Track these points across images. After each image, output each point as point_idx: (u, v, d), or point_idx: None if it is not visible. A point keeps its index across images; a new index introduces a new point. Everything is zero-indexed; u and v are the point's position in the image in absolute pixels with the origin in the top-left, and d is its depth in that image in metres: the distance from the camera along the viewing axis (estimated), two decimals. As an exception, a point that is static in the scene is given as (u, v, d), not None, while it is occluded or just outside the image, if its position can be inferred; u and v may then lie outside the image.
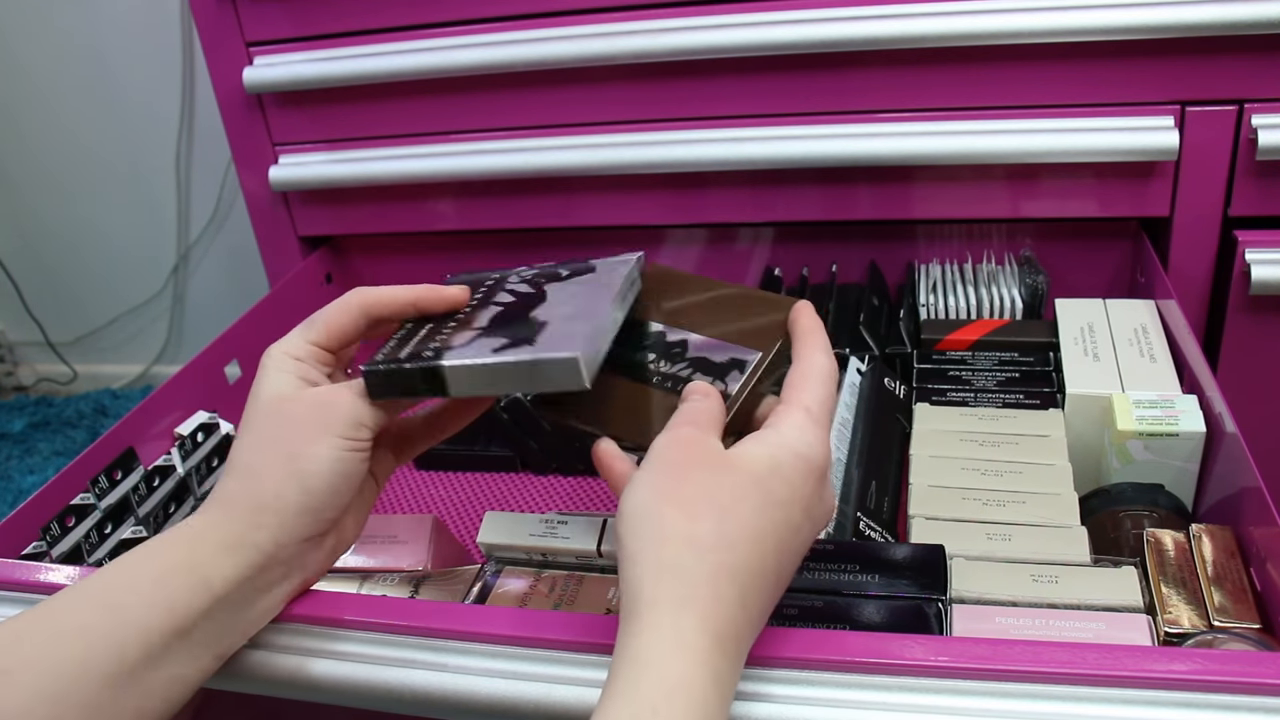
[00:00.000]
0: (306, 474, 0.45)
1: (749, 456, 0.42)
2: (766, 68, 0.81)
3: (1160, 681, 0.39)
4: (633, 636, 0.37)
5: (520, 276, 0.55)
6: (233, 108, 0.94)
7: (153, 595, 0.42)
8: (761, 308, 0.52)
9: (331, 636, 0.47)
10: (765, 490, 0.41)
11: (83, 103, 1.51)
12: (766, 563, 0.40)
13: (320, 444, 0.46)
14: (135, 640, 0.41)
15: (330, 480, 0.46)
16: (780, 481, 0.41)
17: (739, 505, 0.40)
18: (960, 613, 0.50)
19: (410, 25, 0.86)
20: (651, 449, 0.43)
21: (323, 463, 0.45)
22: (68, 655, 0.40)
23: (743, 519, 0.40)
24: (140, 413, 0.72)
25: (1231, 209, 0.78)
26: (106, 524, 0.63)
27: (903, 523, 0.61)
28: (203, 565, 0.43)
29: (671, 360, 0.51)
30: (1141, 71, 0.75)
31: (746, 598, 0.39)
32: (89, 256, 1.66)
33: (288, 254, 1.00)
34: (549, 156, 0.86)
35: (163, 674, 0.42)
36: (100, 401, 1.70)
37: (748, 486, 0.40)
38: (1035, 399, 0.68)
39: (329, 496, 0.46)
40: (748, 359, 0.49)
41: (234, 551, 0.44)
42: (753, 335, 0.51)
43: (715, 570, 0.38)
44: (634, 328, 0.53)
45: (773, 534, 0.40)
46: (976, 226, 0.89)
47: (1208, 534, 0.54)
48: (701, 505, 0.40)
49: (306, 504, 0.45)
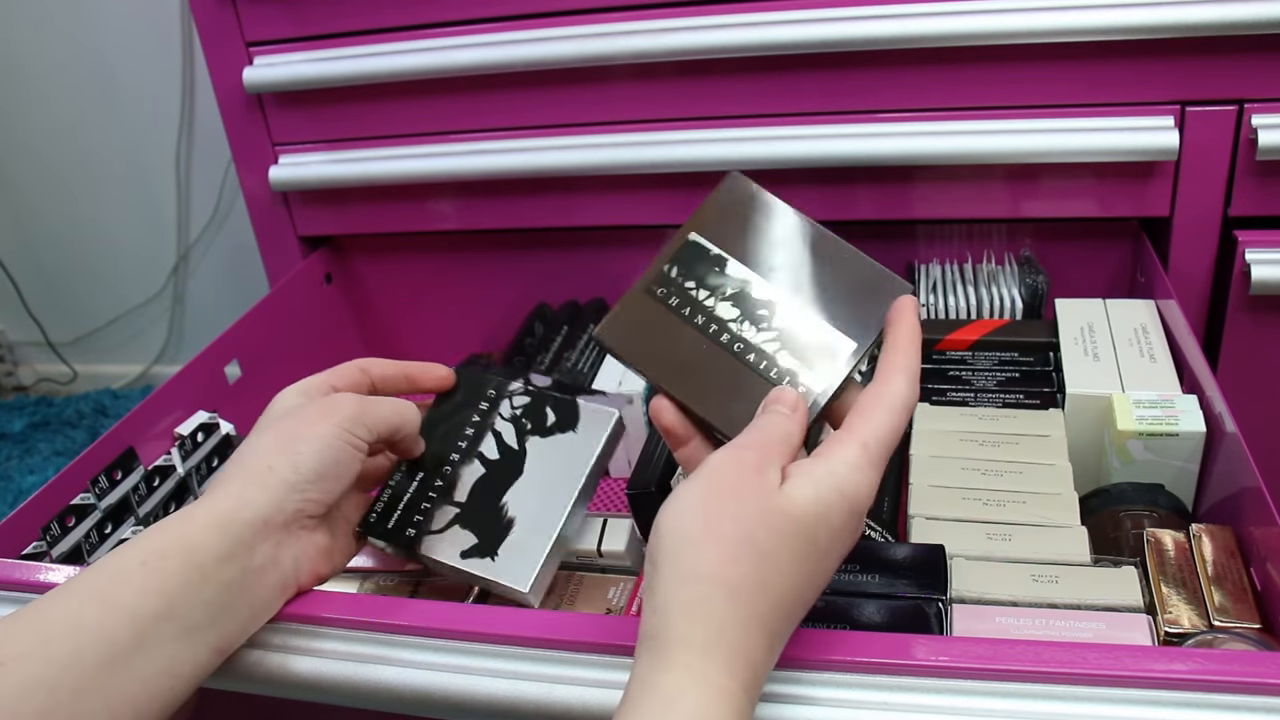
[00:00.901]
0: (298, 451, 0.47)
1: (798, 498, 0.40)
2: (766, 68, 0.81)
3: (1160, 681, 0.39)
4: (659, 670, 0.37)
5: (512, 406, 0.58)
6: (233, 108, 0.94)
7: (143, 580, 0.42)
8: (864, 280, 0.47)
9: (331, 636, 0.47)
10: (809, 539, 0.39)
11: (83, 103, 1.51)
12: (794, 608, 0.40)
13: (318, 427, 0.48)
14: (124, 624, 0.41)
15: (319, 459, 0.48)
16: (824, 528, 0.40)
17: (780, 553, 0.39)
18: (960, 613, 0.50)
19: (410, 25, 0.86)
20: (709, 461, 0.41)
21: (315, 441, 0.48)
22: (60, 644, 0.40)
23: (782, 568, 0.39)
24: (140, 413, 0.72)
25: (1231, 209, 0.78)
26: (106, 524, 0.63)
27: (903, 523, 0.61)
28: (191, 544, 0.44)
29: (755, 324, 0.46)
30: (1141, 71, 0.75)
31: (774, 641, 0.39)
32: (89, 256, 1.66)
33: (288, 254, 1.00)
34: (549, 156, 0.86)
35: (155, 661, 0.42)
36: (100, 401, 1.70)
37: (792, 535, 0.39)
38: (1035, 399, 0.68)
39: (316, 476, 0.48)
40: (841, 347, 0.45)
41: (222, 527, 0.45)
42: (850, 317, 0.46)
43: (749, 618, 0.38)
44: (713, 262, 0.47)
45: (806, 582, 0.40)
46: (976, 226, 0.89)
47: (1208, 534, 0.54)
48: (744, 549, 0.38)
49: (294, 481, 0.47)
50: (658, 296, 0.47)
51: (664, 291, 0.47)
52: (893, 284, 0.46)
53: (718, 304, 0.47)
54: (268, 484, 0.47)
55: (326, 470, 0.48)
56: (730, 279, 0.47)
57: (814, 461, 0.41)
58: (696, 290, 0.47)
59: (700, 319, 0.47)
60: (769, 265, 0.47)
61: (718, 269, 0.47)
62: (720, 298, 0.47)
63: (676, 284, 0.47)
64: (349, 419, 0.49)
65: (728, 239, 0.48)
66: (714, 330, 0.46)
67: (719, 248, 0.48)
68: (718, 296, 0.47)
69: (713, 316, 0.47)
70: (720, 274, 0.47)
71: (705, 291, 0.47)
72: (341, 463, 0.49)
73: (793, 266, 0.47)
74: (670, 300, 0.47)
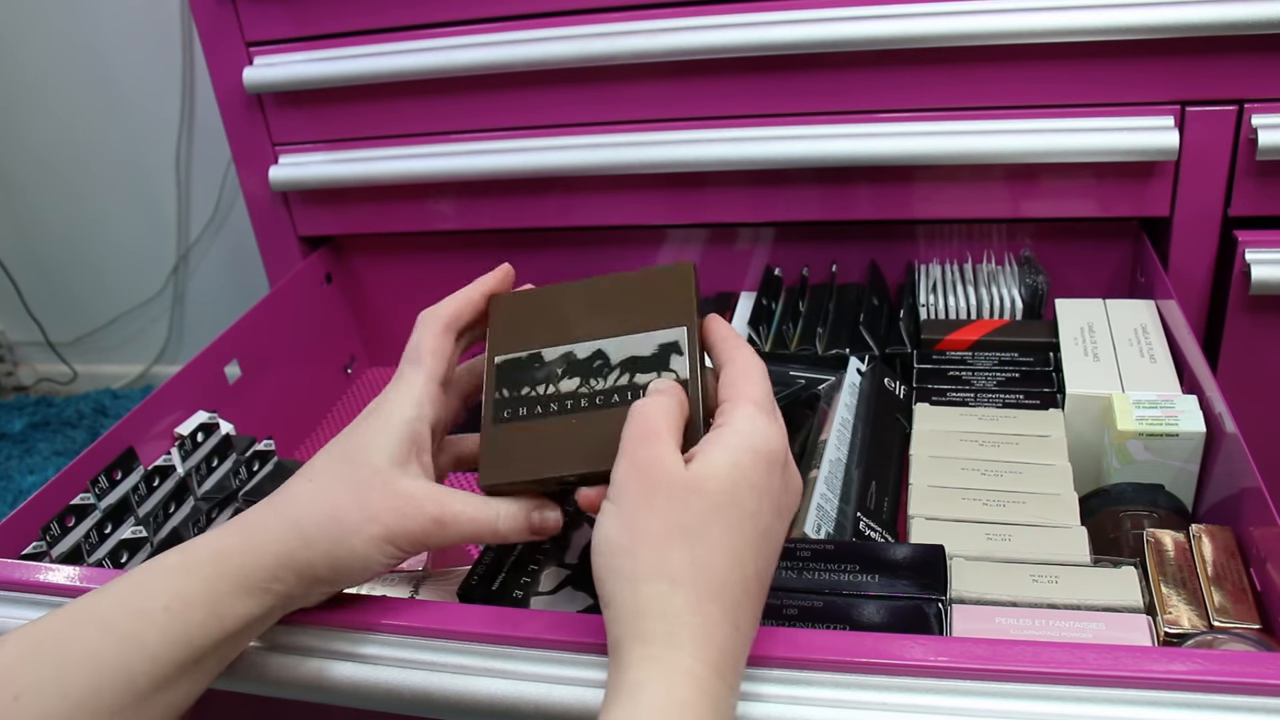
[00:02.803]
0: (341, 561, 0.44)
1: (711, 469, 0.40)
2: (766, 68, 0.81)
3: (1160, 681, 0.39)
4: (626, 669, 0.37)
5: None
6: (233, 108, 0.94)
7: (168, 627, 0.41)
8: (651, 283, 0.49)
9: (331, 636, 0.47)
10: (734, 504, 0.40)
11: (83, 103, 1.51)
12: (747, 576, 0.40)
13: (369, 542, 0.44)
14: (146, 670, 0.40)
15: (361, 576, 0.45)
16: (746, 489, 0.40)
17: (709, 528, 0.39)
18: (960, 613, 0.50)
19: (410, 25, 0.86)
20: (612, 480, 0.41)
21: (359, 559, 0.44)
22: (78, 682, 0.39)
23: (714, 541, 0.39)
24: (140, 413, 0.72)
25: (1231, 209, 0.78)
26: (106, 524, 0.63)
27: (903, 523, 0.61)
28: (220, 602, 0.42)
29: (600, 375, 0.47)
30: (1141, 71, 0.75)
31: (736, 616, 0.39)
32: (89, 256, 1.66)
33: (288, 254, 1.00)
34: (549, 156, 0.86)
35: (171, 704, 0.42)
36: (100, 401, 1.70)
37: (715, 506, 0.39)
38: (1035, 399, 0.68)
39: (352, 582, 0.46)
40: (677, 338, 0.47)
41: (252, 594, 0.43)
42: (662, 314, 0.48)
43: (699, 601, 0.38)
44: (529, 363, 0.49)
45: (748, 548, 0.40)
46: (976, 226, 0.89)
47: (1208, 534, 0.54)
48: (673, 538, 0.39)
49: (333, 580, 0.45)
50: (505, 419, 0.48)
51: (509, 413, 0.48)
52: (666, 270, 0.49)
53: (559, 386, 0.48)
54: (304, 576, 0.44)
55: (364, 576, 0.45)
56: (552, 363, 0.49)
57: (716, 433, 0.42)
58: (532, 390, 0.48)
59: (554, 406, 0.47)
60: (573, 332, 0.49)
61: (537, 364, 0.49)
62: (556, 381, 0.48)
63: (513, 399, 0.48)
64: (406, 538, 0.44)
65: (526, 341, 0.50)
66: (571, 405, 0.47)
67: (524, 350, 0.50)
68: (553, 382, 0.48)
69: (562, 397, 0.48)
70: (542, 365, 0.49)
71: (541, 386, 0.48)
72: (380, 568, 0.45)
73: (591, 317, 0.49)
74: (520, 413, 0.48)
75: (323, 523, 0.44)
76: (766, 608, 0.44)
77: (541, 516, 0.46)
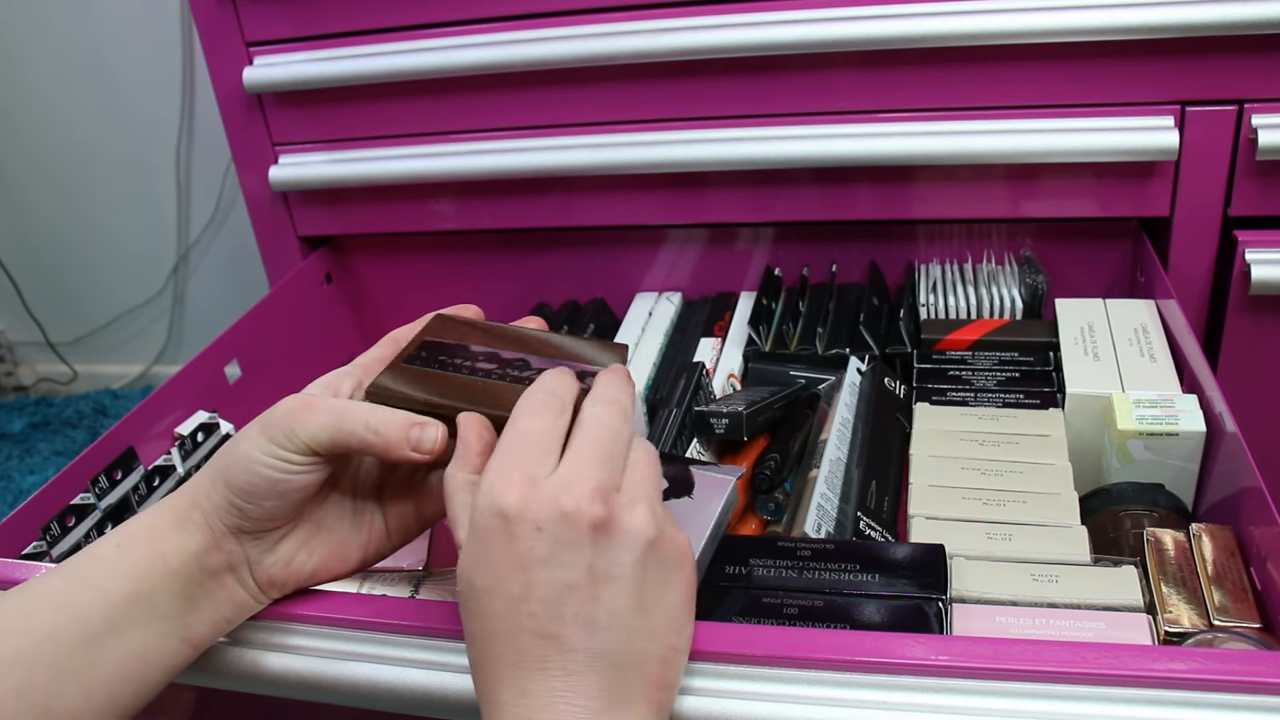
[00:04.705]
0: (231, 470, 0.44)
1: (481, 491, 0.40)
2: (766, 68, 0.81)
3: (1160, 681, 0.39)
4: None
5: None
6: (233, 108, 0.94)
7: (114, 561, 0.43)
8: (586, 344, 0.51)
9: (331, 635, 0.47)
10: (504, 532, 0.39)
11: (83, 103, 1.51)
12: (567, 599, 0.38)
13: (248, 440, 0.44)
14: (98, 603, 0.42)
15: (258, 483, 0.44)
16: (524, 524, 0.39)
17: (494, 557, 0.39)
18: (960, 612, 0.50)
19: (410, 25, 0.86)
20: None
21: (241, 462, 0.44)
22: (39, 620, 0.41)
23: (505, 573, 0.39)
24: (140, 413, 0.72)
25: (1231, 209, 0.78)
26: (106, 524, 0.63)
27: (903, 522, 0.61)
28: (159, 536, 0.45)
29: (517, 370, 0.49)
30: (1141, 71, 0.75)
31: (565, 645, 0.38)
32: (89, 256, 1.66)
33: (288, 254, 1.00)
34: (549, 156, 0.86)
35: (128, 644, 0.43)
36: (100, 401, 1.70)
37: (495, 531, 0.39)
38: (1035, 399, 0.68)
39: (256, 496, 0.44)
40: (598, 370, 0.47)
41: (181, 527, 0.45)
42: (593, 361, 0.49)
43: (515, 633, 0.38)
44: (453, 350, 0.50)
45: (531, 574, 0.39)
46: (976, 226, 0.89)
47: (1208, 533, 0.54)
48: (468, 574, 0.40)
49: (242, 496, 0.44)
50: (413, 364, 0.49)
51: (419, 363, 0.49)
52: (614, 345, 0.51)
53: (475, 365, 0.49)
54: (208, 497, 0.45)
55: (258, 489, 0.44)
56: (476, 353, 0.50)
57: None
58: (450, 360, 0.49)
59: (465, 370, 0.48)
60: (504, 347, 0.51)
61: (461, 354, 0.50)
62: (474, 362, 0.49)
63: (428, 360, 0.49)
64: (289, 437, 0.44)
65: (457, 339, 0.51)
66: (481, 375, 0.48)
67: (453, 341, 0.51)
68: (472, 362, 0.49)
69: (474, 370, 0.49)
70: (466, 355, 0.50)
71: (458, 360, 0.49)
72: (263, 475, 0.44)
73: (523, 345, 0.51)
74: (430, 365, 0.49)
75: (226, 447, 0.46)
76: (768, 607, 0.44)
77: (421, 431, 0.45)
